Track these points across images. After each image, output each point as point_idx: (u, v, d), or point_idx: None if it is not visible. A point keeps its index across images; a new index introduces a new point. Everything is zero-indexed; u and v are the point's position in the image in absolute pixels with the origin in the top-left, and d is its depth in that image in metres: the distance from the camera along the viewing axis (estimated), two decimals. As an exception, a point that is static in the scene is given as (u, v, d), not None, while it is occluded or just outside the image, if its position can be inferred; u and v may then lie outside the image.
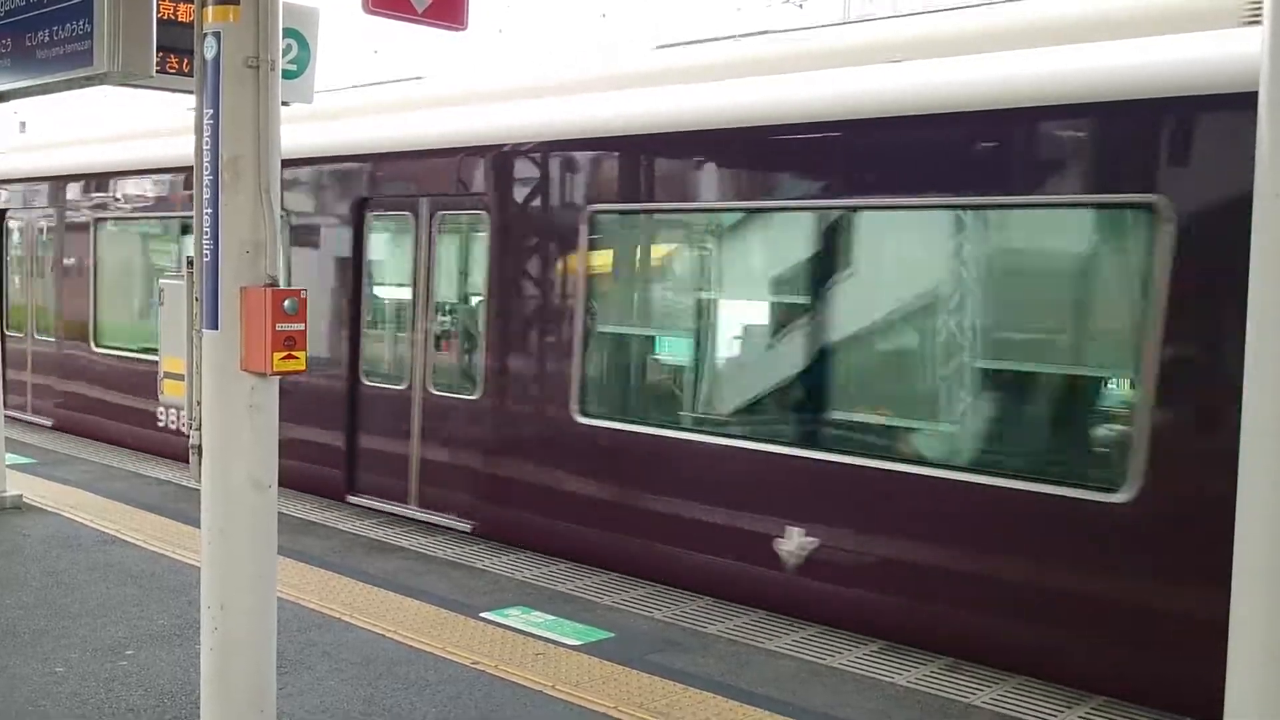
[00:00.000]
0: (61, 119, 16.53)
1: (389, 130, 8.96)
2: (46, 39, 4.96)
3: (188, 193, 9.27)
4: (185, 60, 6.09)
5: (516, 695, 5.16)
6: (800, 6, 23.92)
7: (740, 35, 8.06)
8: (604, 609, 6.47)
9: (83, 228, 11.87)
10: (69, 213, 12.07)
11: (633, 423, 7.27)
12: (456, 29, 4.66)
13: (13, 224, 13.21)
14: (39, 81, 5.17)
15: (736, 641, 5.98)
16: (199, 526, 7.90)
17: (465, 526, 8.09)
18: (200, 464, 4.03)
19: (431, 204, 8.42)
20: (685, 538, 6.89)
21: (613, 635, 6.01)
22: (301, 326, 3.86)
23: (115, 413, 11.30)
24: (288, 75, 6.19)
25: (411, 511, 8.47)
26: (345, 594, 6.58)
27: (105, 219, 11.76)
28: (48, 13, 4.89)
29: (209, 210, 3.91)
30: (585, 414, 7.39)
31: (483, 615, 6.26)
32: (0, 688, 5.10)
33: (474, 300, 8.43)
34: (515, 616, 6.26)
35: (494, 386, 7.98)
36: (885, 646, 5.94)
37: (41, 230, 12.57)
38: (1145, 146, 5.30)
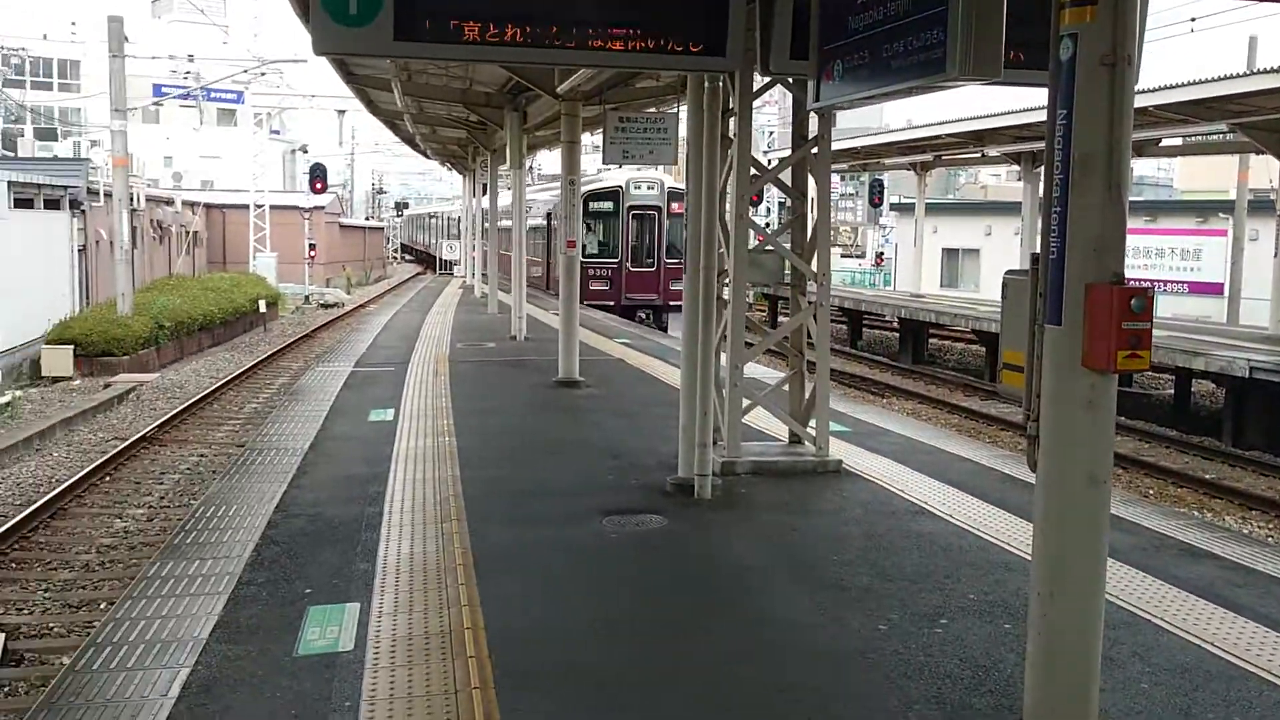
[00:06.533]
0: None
1: None
2: (901, 49, 5.46)
3: None
4: (1018, 52, 6.35)
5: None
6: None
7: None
8: None
9: None
10: None
11: None
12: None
13: None
14: (891, 89, 5.72)
15: None
16: (997, 507, 8.24)
17: None
18: (1035, 454, 4.21)
19: None
20: None
21: None
22: (1148, 325, 3.85)
23: None
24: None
25: None
26: (1154, 596, 6.41)
27: None
28: (904, 25, 5.39)
29: (1057, 209, 4.05)
30: None
31: (1315, 643, 5.72)
32: (833, 633, 5.80)
33: None
34: (1357, 651, 5.62)
35: None
36: None
37: None
38: None
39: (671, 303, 27.31)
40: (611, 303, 27.63)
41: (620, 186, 27.94)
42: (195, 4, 47.33)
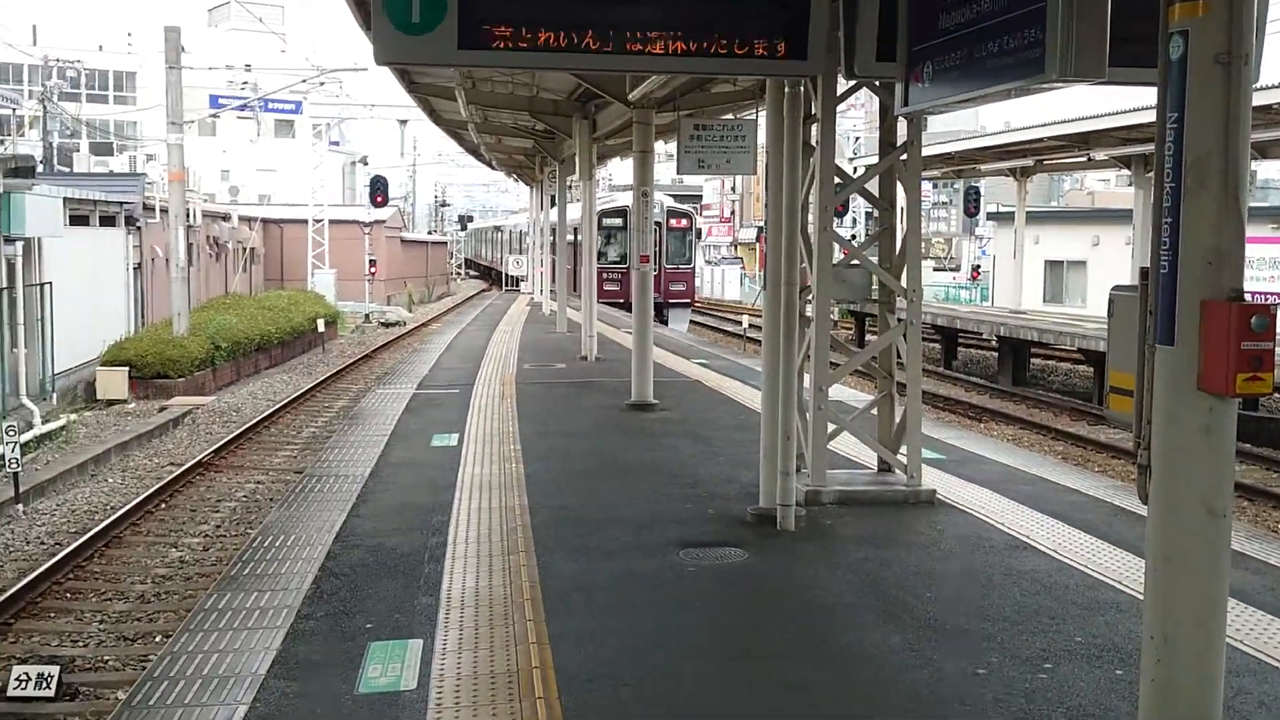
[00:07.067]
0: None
1: None
2: (996, 49, 5.44)
3: None
4: (1124, 49, 6.26)
5: None
6: None
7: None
8: None
9: None
10: None
11: None
12: None
13: None
14: (985, 92, 5.69)
15: None
16: (1106, 541, 8.07)
17: None
18: (1147, 484, 4.13)
19: None
20: None
21: None
22: (1270, 345, 3.77)
23: None
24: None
25: None
26: (1282, 640, 6.25)
27: None
28: (1000, 22, 5.36)
29: (1168, 219, 3.98)
30: None
31: None
32: (928, 679, 5.74)
33: None
34: None
35: None
36: None
37: None
38: None
39: (670, 300, 35.16)
40: (621, 300, 32.24)
41: (628, 206, 31.73)
42: (252, 12, 48.47)
